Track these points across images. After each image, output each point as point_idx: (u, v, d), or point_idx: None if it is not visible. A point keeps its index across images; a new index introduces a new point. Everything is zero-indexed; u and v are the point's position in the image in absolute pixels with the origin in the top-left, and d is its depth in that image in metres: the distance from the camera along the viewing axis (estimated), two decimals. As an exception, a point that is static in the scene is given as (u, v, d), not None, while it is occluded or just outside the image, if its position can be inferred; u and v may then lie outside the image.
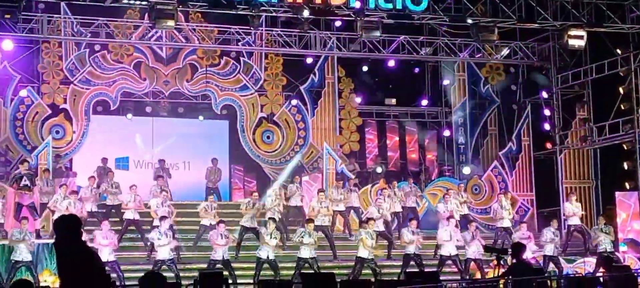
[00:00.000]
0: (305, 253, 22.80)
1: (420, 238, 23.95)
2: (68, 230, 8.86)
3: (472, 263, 24.01)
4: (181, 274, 22.22)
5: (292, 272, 22.65)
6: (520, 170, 30.39)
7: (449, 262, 23.87)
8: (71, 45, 29.03)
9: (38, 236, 23.49)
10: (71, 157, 29.02)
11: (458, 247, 24.06)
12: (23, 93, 28.51)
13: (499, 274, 16.82)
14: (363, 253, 23.18)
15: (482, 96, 32.47)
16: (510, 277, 16.23)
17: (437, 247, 24.36)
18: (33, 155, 26.50)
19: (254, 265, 22.77)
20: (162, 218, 22.91)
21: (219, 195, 28.40)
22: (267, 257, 22.72)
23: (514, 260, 16.37)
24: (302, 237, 22.90)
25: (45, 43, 28.74)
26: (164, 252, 22.20)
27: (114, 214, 25.32)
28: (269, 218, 24.01)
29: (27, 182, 24.57)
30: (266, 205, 25.48)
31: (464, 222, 25.98)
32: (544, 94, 31.14)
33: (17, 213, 24.12)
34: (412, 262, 23.62)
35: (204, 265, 22.57)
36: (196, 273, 20.79)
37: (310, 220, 23.77)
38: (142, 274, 10.04)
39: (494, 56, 30.77)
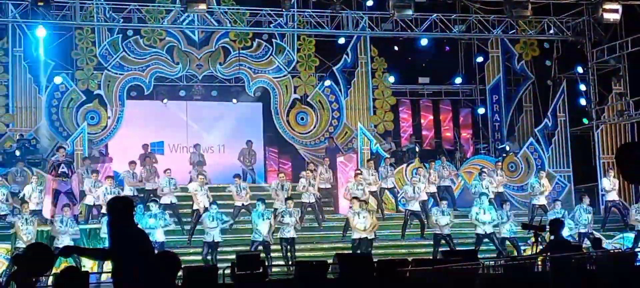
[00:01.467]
0: (287, 233, 23.12)
1: (451, 218, 23.98)
2: (120, 210, 8.89)
3: (508, 241, 23.99)
4: (218, 256, 22.36)
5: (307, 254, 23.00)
6: (557, 147, 30.09)
7: (486, 240, 23.85)
8: (104, 31, 29.11)
9: (77, 222, 23.62)
10: (106, 143, 29.13)
11: (494, 226, 24.01)
12: (58, 80, 28.61)
13: (537, 251, 16.67)
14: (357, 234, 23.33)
15: (517, 72, 32.23)
16: (548, 254, 16.07)
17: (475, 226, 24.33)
18: (69, 142, 26.63)
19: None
20: (213, 202, 23.37)
21: (253, 178, 28.45)
22: (290, 236, 23.06)
23: (552, 237, 16.22)
24: (283, 216, 23.18)
25: (79, 30, 28.83)
26: (214, 234, 22.58)
27: (152, 199, 25.47)
28: (286, 198, 24.04)
29: (65, 169, 24.71)
30: (298, 188, 25.52)
31: (499, 201, 25.89)
32: (580, 69, 30.88)
33: (55, 201, 24.28)
34: (443, 241, 23.61)
35: (241, 247, 22.71)
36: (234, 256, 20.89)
37: (290, 199, 23.92)
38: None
39: (528, 32, 30.52)
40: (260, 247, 22.68)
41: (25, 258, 9.72)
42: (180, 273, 17.43)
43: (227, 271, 20.25)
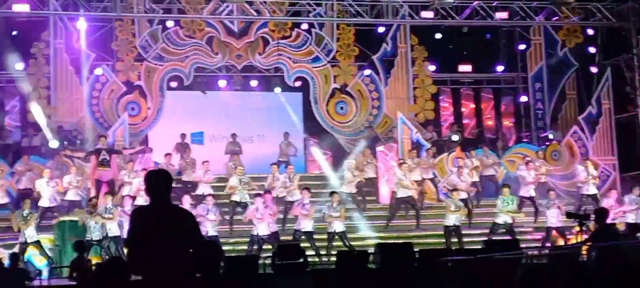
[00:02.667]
0: (335, 226, 23.01)
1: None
2: (156, 185, 8.45)
3: (554, 231, 23.75)
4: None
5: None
6: (601, 134, 29.70)
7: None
8: (144, 22, 29.14)
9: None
10: (147, 134, 29.17)
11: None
12: (98, 71, 28.68)
13: (582, 240, 16.46)
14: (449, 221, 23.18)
15: (560, 60, 31.85)
16: (593, 243, 15.86)
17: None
18: (109, 133, 26.70)
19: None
20: (258, 195, 23.42)
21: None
22: (334, 230, 22.96)
23: (598, 226, 16.00)
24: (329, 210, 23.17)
25: (119, 21, 28.87)
26: (262, 228, 22.65)
27: (191, 189, 25.55)
28: (331, 191, 23.87)
29: (106, 157, 24.81)
30: (345, 178, 25.56)
31: (543, 190, 25.64)
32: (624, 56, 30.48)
33: (97, 190, 24.40)
34: (502, 231, 23.48)
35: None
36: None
37: (335, 193, 23.74)
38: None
39: (571, 19, 30.15)
40: (303, 237, 22.67)
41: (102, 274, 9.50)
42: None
43: (268, 261, 20.29)
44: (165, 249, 8.02)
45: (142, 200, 22.80)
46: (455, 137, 29.76)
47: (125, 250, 20.47)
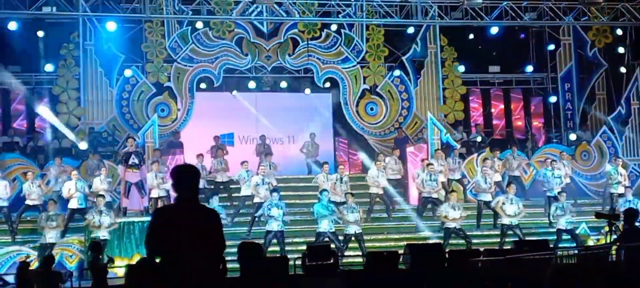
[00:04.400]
0: (353, 228, 22.86)
1: (518, 208, 23.64)
2: (183, 181, 8.26)
3: (565, 234, 23.60)
4: (287, 248, 22.39)
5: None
6: (631, 135, 29.59)
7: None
8: (173, 23, 29.30)
9: (124, 213, 23.91)
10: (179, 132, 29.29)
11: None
12: (128, 73, 28.85)
13: (611, 241, 16.40)
14: (449, 223, 23.18)
15: (589, 60, 31.73)
16: (622, 244, 15.79)
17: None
18: (139, 134, 26.82)
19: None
20: (274, 190, 23.40)
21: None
22: (354, 232, 22.81)
23: (626, 226, 15.93)
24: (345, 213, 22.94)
25: (148, 22, 29.05)
26: (274, 224, 22.55)
27: (222, 190, 25.68)
28: (346, 193, 23.86)
29: (136, 160, 24.91)
30: (368, 180, 25.50)
31: (570, 191, 25.61)
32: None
33: (127, 192, 24.52)
34: (509, 232, 23.31)
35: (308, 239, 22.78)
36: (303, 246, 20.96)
37: (350, 194, 23.58)
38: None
39: (601, 19, 30.04)
40: (326, 239, 22.59)
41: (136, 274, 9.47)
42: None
43: (298, 262, 20.33)
44: (189, 250, 7.96)
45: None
46: (478, 138, 29.75)
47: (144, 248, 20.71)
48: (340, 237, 22.71)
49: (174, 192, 8.37)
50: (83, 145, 26.57)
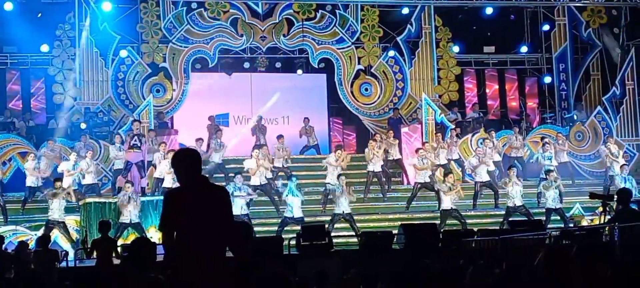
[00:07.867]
0: (343, 208, 22.96)
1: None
2: (184, 163, 8.39)
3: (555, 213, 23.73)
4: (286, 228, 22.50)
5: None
6: (625, 115, 29.66)
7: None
8: (168, 4, 29.29)
9: (143, 193, 23.88)
10: (172, 115, 29.33)
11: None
12: (123, 53, 28.85)
13: (604, 221, 16.46)
14: (446, 204, 23.21)
15: (584, 40, 31.78)
16: (616, 224, 15.86)
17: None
18: (135, 114, 26.85)
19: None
20: (290, 177, 23.60)
21: (318, 150, 28.50)
22: (342, 212, 22.91)
23: (620, 207, 15.98)
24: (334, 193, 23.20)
25: (143, 3, 29.06)
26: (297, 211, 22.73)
27: (221, 172, 25.74)
28: (339, 174, 23.91)
29: (137, 141, 24.98)
30: (367, 158, 25.56)
31: (565, 170, 25.74)
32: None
33: (126, 172, 24.59)
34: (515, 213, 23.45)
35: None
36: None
37: (341, 176, 23.66)
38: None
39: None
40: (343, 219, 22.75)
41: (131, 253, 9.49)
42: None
43: (293, 242, 20.42)
44: (202, 232, 8.07)
45: (169, 181, 22.89)
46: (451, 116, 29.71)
47: (158, 235, 20.78)
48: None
49: (178, 178, 8.47)
50: (82, 125, 26.73)
